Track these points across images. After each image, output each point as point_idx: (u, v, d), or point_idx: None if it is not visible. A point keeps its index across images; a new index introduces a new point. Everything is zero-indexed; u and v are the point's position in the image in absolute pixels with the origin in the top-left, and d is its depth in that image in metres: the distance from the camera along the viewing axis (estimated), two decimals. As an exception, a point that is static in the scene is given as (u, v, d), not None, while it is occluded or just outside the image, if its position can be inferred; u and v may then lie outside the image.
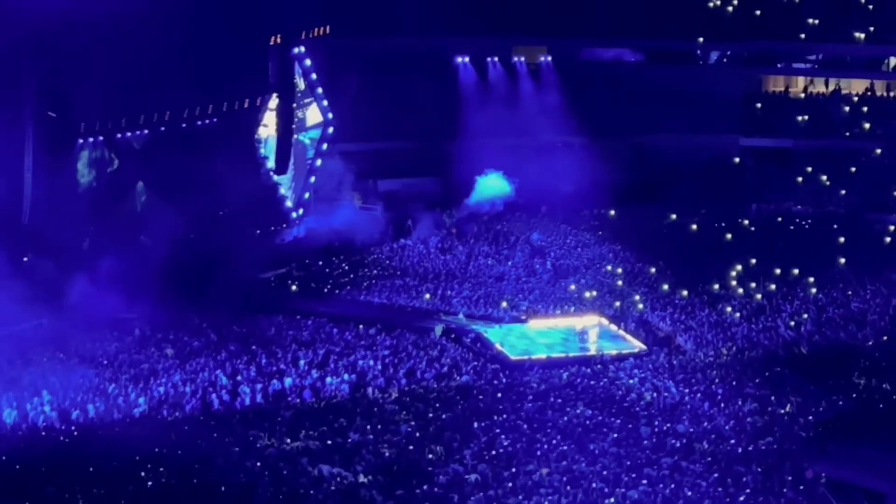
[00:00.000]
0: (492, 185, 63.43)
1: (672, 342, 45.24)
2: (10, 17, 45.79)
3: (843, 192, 63.02)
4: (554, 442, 33.19)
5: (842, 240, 56.02)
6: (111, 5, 47.92)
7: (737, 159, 68.22)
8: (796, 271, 51.26)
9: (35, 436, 35.44)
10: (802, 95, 71.80)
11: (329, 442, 33.82)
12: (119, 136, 55.24)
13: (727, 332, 45.40)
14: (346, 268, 56.25)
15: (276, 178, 61.11)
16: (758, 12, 70.68)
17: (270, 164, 60.68)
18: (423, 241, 59.57)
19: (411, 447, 33.21)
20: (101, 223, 52.71)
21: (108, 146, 55.50)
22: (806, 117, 69.08)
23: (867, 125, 67.67)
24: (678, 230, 59.34)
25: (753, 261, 52.71)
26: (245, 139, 59.81)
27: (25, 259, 48.02)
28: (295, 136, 61.85)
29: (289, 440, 33.99)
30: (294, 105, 61.24)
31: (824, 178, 64.32)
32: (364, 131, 64.52)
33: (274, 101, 60.37)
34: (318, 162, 63.77)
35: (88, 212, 52.90)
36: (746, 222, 60.18)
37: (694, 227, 59.22)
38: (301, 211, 62.62)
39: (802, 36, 69.99)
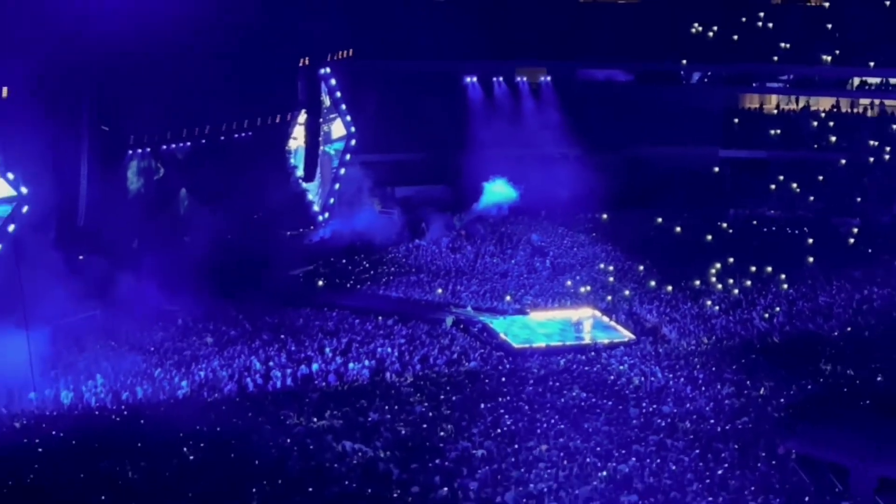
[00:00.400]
0: (498, 192, 63.45)
1: (658, 332, 45.22)
2: (70, 44, 45.97)
3: (812, 198, 62.96)
4: (552, 421, 33.19)
5: (810, 241, 56.00)
6: (157, 33, 48.08)
7: (716, 169, 68.10)
8: (769, 269, 51.20)
9: (89, 415, 35.56)
10: (775, 112, 71.74)
11: (351, 421, 33.88)
12: (164, 147, 55.39)
13: (707, 323, 45.39)
14: (367, 265, 56.29)
15: (304, 185, 61.25)
16: (735, 37, 70.72)
17: (299, 172, 60.81)
18: (436, 241, 59.59)
19: (425, 426, 33.25)
20: (148, 225, 52.79)
21: (155, 157, 55.61)
22: (778, 131, 69.03)
23: (833, 139, 67.60)
24: (664, 232, 59.30)
25: (731, 259, 52.65)
26: (277, 150, 59.96)
27: (81, 257, 48.12)
28: (321, 147, 61.93)
29: (315, 419, 34.04)
30: (321, 120, 61.33)
31: (795, 185, 64.26)
32: (383, 143, 64.61)
33: (303, 117, 60.53)
34: (342, 171, 63.86)
35: (137, 215, 52.96)
36: (725, 225, 60.14)
37: (678, 229, 59.18)
38: (326, 214, 62.72)
39: (775, 58, 69.99)
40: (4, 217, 46.45)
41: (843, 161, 65.50)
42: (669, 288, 49.67)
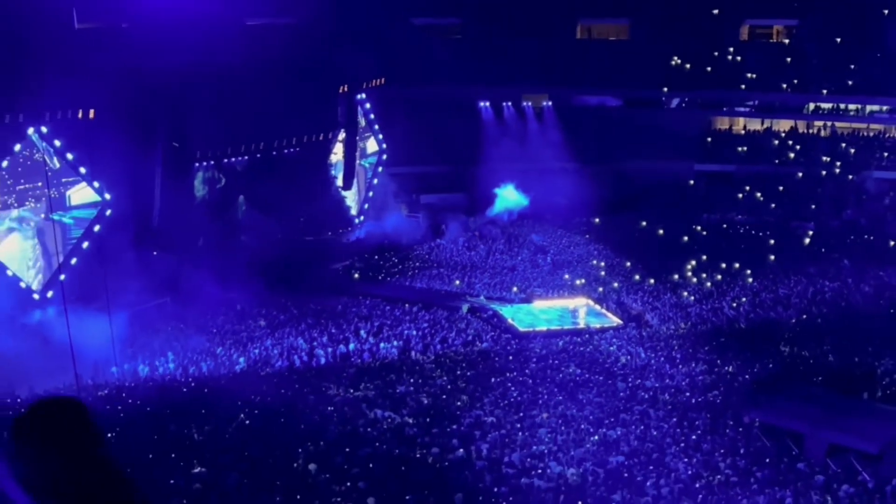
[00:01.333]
0: (511, 198, 63.52)
1: (642, 318, 45.15)
2: (147, 75, 46.30)
3: (773, 205, 62.66)
4: (552, 393, 33.16)
5: (772, 242, 55.77)
6: (221, 65, 48.40)
7: (692, 181, 67.95)
8: (737, 265, 51.03)
9: (162, 386, 35.77)
10: (742, 132, 71.48)
11: (382, 392, 33.90)
12: (225, 161, 55.83)
13: (684, 311, 45.27)
14: (396, 261, 56.35)
15: (343, 192, 61.49)
16: (708, 69, 70.51)
17: (339, 182, 61.14)
18: (454, 241, 59.61)
19: (444, 396, 33.23)
20: (211, 226, 53.02)
21: (218, 168, 56.00)
22: (745, 148, 68.74)
23: (791, 155, 67.34)
24: (647, 234, 59.12)
25: (704, 257, 52.49)
26: (320, 163, 60.22)
27: (154, 253, 48.39)
28: (358, 161, 62.19)
29: (352, 390, 34.07)
30: (357, 138, 61.65)
31: (759, 194, 63.98)
32: (409, 158, 64.67)
33: (342, 135, 60.80)
34: (375, 181, 64.14)
35: (202, 218, 53.24)
36: (699, 228, 59.90)
37: (660, 231, 59.00)
38: (362, 218, 62.96)
39: (742, 87, 69.81)
40: (91, 219, 46.91)
41: (800, 174, 65.24)
42: (652, 281, 49.58)
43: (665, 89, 70.74)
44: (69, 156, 46.04)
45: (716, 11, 72.03)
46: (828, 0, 70.70)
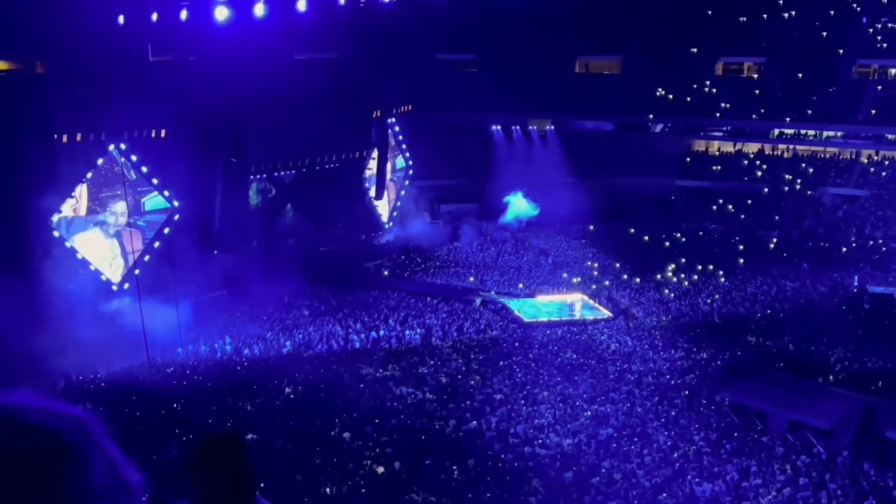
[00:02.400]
0: (520, 207, 63.50)
1: (629, 312, 44.97)
2: (210, 101, 46.49)
3: (743, 216, 62.40)
4: (551, 375, 33.10)
5: (741, 247, 55.51)
6: (272, 93, 48.48)
7: (673, 196, 67.70)
8: (711, 267, 50.81)
9: (220, 365, 35.88)
10: (716, 153, 71.10)
11: (407, 372, 33.89)
12: (276, 174, 55.90)
13: (665, 306, 45.05)
14: (419, 260, 56.32)
15: (375, 202, 61.50)
16: (688, 99, 70.36)
17: (372, 193, 61.09)
18: (469, 244, 59.59)
19: (459, 376, 33.20)
20: (264, 230, 53.19)
21: (269, 180, 56.14)
22: (719, 167, 68.48)
23: (759, 173, 67.04)
24: (635, 239, 58.88)
25: (683, 260, 52.25)
26: (356, 177, 60.26)
27: (215, 253, 48.57)
28: (388, 175, 62.23)
29: (381, 370, 34.10)
30: (388, 156, 61.67)
31: (730, 207, 63.72)
32: (432, 173, 64.75)
33: (375, 153, 60.85)
34: (402, 192, 64.11)
35: (255, 222, 53.42)
36: (679, 235, 59.67)
37: (645, 237, 58.80)
38: (390, 224, 62.95)
39: (717, 115, 69.57)
40: (161, 223, 47.13)
41: (766, 190, 64.95)
42: (638, 280, 49.37)
43: (651, 116, 70.50)
44: (144, 169, 46.30)
45: (695, 50, 71.95)
46: (791, 41, 70.64)
